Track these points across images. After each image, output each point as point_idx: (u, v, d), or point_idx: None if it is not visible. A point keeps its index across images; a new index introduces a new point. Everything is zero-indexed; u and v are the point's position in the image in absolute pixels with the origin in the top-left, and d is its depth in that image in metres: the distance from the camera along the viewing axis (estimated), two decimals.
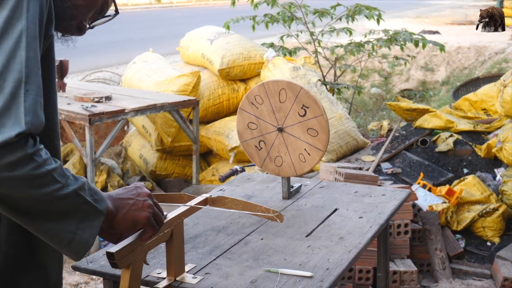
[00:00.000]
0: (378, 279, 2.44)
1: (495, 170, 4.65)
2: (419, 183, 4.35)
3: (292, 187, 2.33)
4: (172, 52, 10.56)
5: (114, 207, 1.38)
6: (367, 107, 9.24)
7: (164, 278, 1.64)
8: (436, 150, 4.85)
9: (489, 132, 5.06)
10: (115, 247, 1.39)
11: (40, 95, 1.22)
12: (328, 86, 5.98)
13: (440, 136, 4.95)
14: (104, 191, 1.50)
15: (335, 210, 2.16)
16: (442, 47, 6.13)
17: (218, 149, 5.25)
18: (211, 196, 1.70)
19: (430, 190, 4.28)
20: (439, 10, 23.99)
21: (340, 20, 6.28)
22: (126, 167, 5.44)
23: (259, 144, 2.24)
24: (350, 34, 6.24)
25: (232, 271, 1.69)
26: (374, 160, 4.86)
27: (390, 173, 4.60)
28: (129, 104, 4.54)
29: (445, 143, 4.84)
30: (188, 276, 1.65)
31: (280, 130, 2.18)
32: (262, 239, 1.91)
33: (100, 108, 4.34)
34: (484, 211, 4.18)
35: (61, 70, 4.76)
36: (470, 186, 4.31)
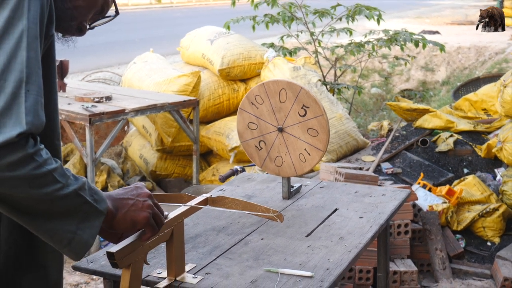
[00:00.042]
0: (378, 279, 2.44)
1: (495, 170, 4.65)
2: (419, 183, 4.35)
3: (292, 187, 2.33)
4: (172, 52, 10.56)
5: (114, 207, 1.38)
6: (367, 107, 9.24)
7: (165, 278, 1.64)
8: (436, 150, 4.85)
9: (489, 132, 5.06)
10: (115, 247, 1.39)
11: (41, 95, 1.22)
12: (328, 86, 5.99)
13: (440, 136, 4.95)
14: (104, 191, 1.50)
15: (335, 210, 2.17)
16: (442, 47, 6.13)
17: (218, 149, 5.25)
18: (211, 196, 1.70)
19: (430, 190, 4.28)
20: (439, 10, 23.99)
21: (340, 20, 6.28)
22: (126, 167, 5.44)
23: (259, 144, 2.24)
24: (350, 34, 6.24)
25: (232, 271, 1.69)
26: (374, 160, 4.86)
27: (390, 173, 4.60)
28: (129, 104, 4.55)
29: (445, 143, 4.84)
30: (189, 276, 1.65)
31: (280, 130, 2.18)
32: (262, 239, 1.91)
33: (100, 108, 4.34)
34: (484, 211, 4.18)
35: (61, 70, 4.76)
36: (470, 186, 4.31)
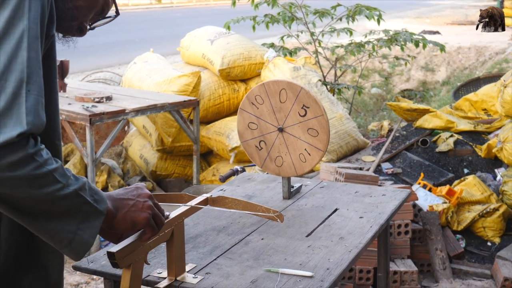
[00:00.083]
0: (379, 279, 2.44)
1: (496, 170, 4.65)
2: (419, 183, 4.35)
3: (293, 187, 2.33)
4: (172, 53, 10.57)
5: (114, 207, 1.38)
6: (368, 107, 9.24)
7: (165, 278, 1.64)
8: (437, 150, 4.85)
9: (489, 132, 5.06)
10: (116, 247, 1.39)
11: (42, 95, 1.22)
12: (328, 86, 5.99)
13: (440, 136, 4.95)
14: (104, 191, 1.50)
15: (336, 210, 2.17)
16: (442, 47, 6.13)
17: (219, 149, 5.25)
18: (211, 196, 1.70)
19: (430, 190, 4.28)
20: (439, 10, 23.99)
21: (341, 20, 6.28)
22: (127, 167, 5.44)
23: (260, 144, 2.24)
24: (351, 34, 6.24)
25: (232, 271, 1.69)
26: (374, 160, 4.86)
27: (390, 173, 4.60)
28: (129, 104, 4.55)
29: (445, 143, 4.84)
30: (189, 276, 1.65)
31: (281, 130, 2.18)
32: (262, 239, 1.91)
33: (100, 108, 4.34)
34: (484, 211, 4.18)
35: (61, 70, 4.76)
36: (471, 186, 4.31)
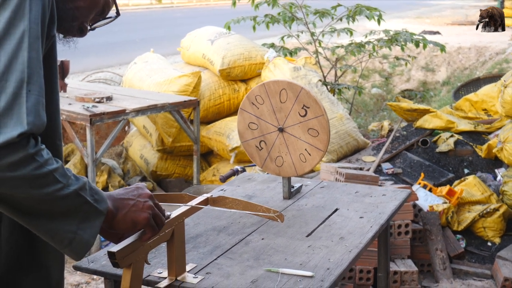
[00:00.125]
0: (379, 279, 2.44)
1: (496, 171, 4.65)
2: (419, 183, 4.35)
3: (293, 187, 2.33)
4: (173, 53, 10.57)
5: (114, 207, 1.38)
6: (368, 107, 9.24)
7: (165, 278, 1.64)
8: (437, 150, 4.85)
9: (489, 133, 5.06)
10: (116, 246, 1.40)
11: (42, 95, 1.23)
12: (328, 86, 5.99)
13: (440, 136, 4.95)
14: (105, 191, 1.50)
15: (336, 210, 2.17)
16: (442, 48, 6.13)
17: (219, 149, 5.26)
18: (212, 196, 1.71)
19: (430, 190, 4.28)
20: (439, 11, 23.99)
21: (341, 20, 6.28)
22: (127, 167, 5.45)
23: (260, 144, 2.24)
24: (351, 34, 6.24)
25: (233, 270, 1.69)
26: (374, 161, 4.86)
27: (390, 173, 4.60)
28: (130, 104, 4.55)
29: (445, 144, 4.84)
30: (189, 276, 1.65)
31: (281, 130, 2.18)
32: (263, 239, 1.91)
33: (101, 108, 4.35)
34: (484, 212, 4.18)
35: (62, 70, 4.76)
36: (471, 187, 4.31)
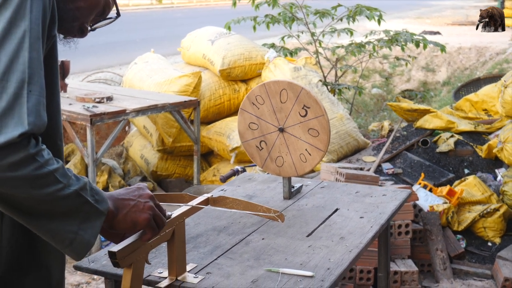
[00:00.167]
0: (379, 279, 2.45)
1: (496, 171, 4.65)
2: (420, 184, 4.35)
3: (293, 187, 2.33)
4: (173, 53, 10.57)
5: (115, 207, 1.38)
6: (368, 107, 9.25)
7: (166, 278, 1.64)
8: (437, 150, 4.85)
9: (490, 133, 5.06)
10: (117, 246, 1.40)
11: (43, 95, 1.23)
12: (329, 86, 5.99)
13: (441, 136, 4.95)
14: (105, 191, 1.50)
15: (336, 210, 2.17)
16: (443, 48, 6.13)
17: (219, 149, 5.26)
18: (212, 196, 1.71)
19: (431, 190, 4.28)
20: (440, 11, 23.99)
21: (341, 20, 6.28)
22: (127, 167, 5.45)
23: (260, 144, 2.24)
24: (351, 34, 6.25)
25: (233, 270, 1.69)
26: (375, 161, 4.86)
27: (391, 173, 4.60)
28: (130, 104, 4.55)
29: (446, 144, 4.84)
30: (190, 276, 1.65)
31: (281, 130, 2.18)
32: (263, 239, 1.92)
33: (101, 108, 4.35)
34: (485, 212, 4.18)
35: (62, 70, 4.76)
36: (471, 187, 4.32)
